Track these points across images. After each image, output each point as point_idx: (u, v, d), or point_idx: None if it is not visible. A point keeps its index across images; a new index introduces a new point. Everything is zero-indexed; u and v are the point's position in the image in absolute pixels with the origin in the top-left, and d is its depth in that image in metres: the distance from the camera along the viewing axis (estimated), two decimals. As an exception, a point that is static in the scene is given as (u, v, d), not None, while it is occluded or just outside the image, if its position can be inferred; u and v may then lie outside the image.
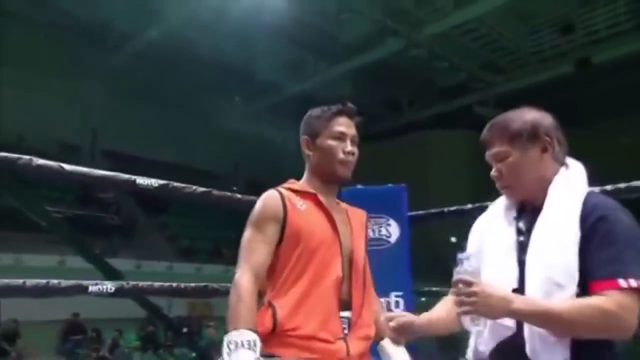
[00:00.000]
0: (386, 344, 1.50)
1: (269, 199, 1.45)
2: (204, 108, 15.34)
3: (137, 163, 12.43)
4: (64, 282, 1.66)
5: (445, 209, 2.31)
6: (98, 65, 13.99)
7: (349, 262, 1.46)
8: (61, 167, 1.65)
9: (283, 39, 12.33)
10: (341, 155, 1.47)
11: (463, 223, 1.52)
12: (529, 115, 1.30)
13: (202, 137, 15.70)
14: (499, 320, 1.22)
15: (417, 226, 2.42)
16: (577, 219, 1.17)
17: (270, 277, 1.41)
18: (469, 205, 2.14)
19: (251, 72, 14.34)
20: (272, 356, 1.32)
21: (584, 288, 1.13)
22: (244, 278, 1.33)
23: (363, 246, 1.53)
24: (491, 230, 1.36)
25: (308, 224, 1.42)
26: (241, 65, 14.20)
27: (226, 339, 1.22)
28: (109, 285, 1.77)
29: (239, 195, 2.23)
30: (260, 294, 1.40)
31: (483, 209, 1.45)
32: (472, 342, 1.33)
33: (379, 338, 1.50)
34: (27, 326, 8.75)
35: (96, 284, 1.72)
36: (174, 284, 1.97)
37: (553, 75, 13.08)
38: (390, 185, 2.38)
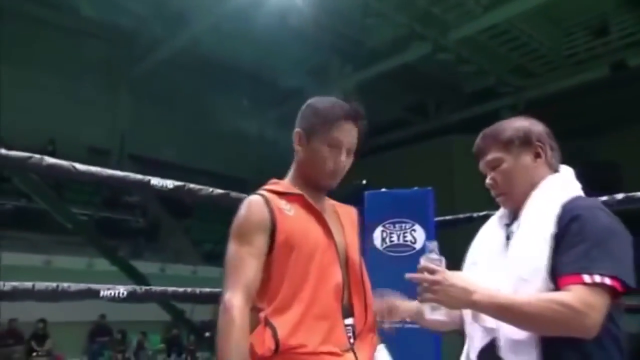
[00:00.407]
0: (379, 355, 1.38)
1: (253, 207, 1.32)
2: (229, 115, 15.44)
3: (164, 168, 12.56)
4: (74, 286, 1.61)
5: (475, 214, 2.18)
6: (127, 72, 14.28)
7: (345, 265, 1.35)
8: (73, 167, 1.61)
9: (308, 45, 12.30)
10: (331, 167, 1.35)
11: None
12: (520, 123, 1.34)
13: (229, 144, 15.80)
14: (482, 323, 1.21)
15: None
16: (554, 219, 1.16)
17: (263, 290, 1.27)
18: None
19: (276, 77, 14.36)
20: None
21: (557, 287, 1.13)
22: (235, 299, 1.20)
23: (357, 246, 1.42)
24: (484, 239, 1.38)
25: (299, 229, 1.30)
26: (267, 71, 14.25)
27: None
28: (122, 290, 1.71)
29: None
30: (252, 310, 1.26)
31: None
32: (465, 349, 1.32)
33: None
34: (55, 326, 8.89)
35: (108, 289, 1.66)
36: (189, 289, 1.90)
37: (585, 79, 12.72)
38: (416, 188, 2.26)
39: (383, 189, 2.14)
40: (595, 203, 1.23)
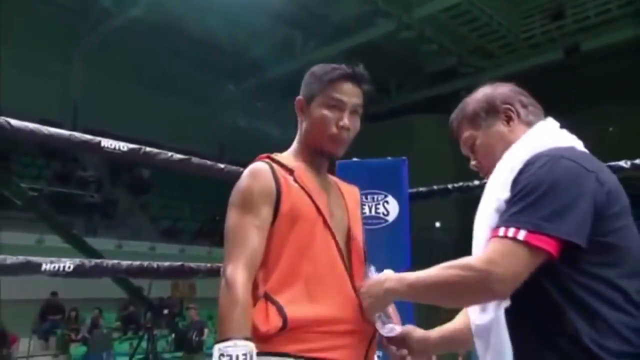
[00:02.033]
0: None
1: (259, 174, 1.23)
2: (188, 86, 14.98)
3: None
4: (11, 259, 1.44)
5: (450, 185, 2.14)
6: (80, 40, 13.59)
7: (347, 240, 1.29)
8: (8, 122, 1.41)
9: (272, 17, 12.00)
10: (333, 130, 1.25)
11: (446, 208, 1.40)
12: (482, 92, 1.25)
13: (186, 117, 15.35)
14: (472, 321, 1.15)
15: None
16: (510, 181, 1.04)
17: (262, 263, 1.19)
18: (476, 182, 1.98)
19: (238, 50, 14.00)
20: (288, 356, 1.13)
21: None
22: (238, 275, 1.12)
23: (360, 223, 1.36)
24: None
25: (302, 201, 1.23)
26: (227, 42, 13.84)
27: (218, 349, 1.04)
28: (67, 264, 1.54)
29: (221, 165, 2.02)
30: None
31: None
32: None
33: None
34: (4, 304, 8.51)
35: (51, 262, 1.49)
36: (145, 263, 1.76)
37: (542, 62, 13.02)
38: (389, 158, 2.19)
39: (354, 159, 2.05)
40: (558, 150, 1.06)
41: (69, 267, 1.60)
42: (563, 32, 12.67)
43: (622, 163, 1.60)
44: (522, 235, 0.95)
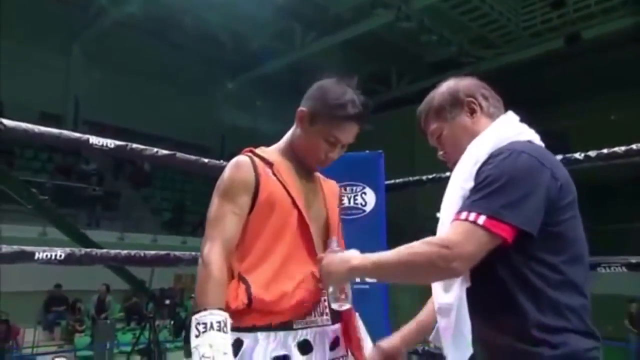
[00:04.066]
0: None
1: (239, 167, 1.34)
2: (189, 79, 15.01)
3: (123, 135, 12.15)
4: (5, 248, 1.53)
5: (424, 177, 2.20)
6: (81, 33, 13.60)
7: (324, 230, 1.41)
8: (0, 122, 1.50)
9: (272, 8, 11.98)
10: (322, 159, 1.39)
11: None
12: (446, 85, 1.30)
13: (187, 109, 15.39)
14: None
15: (401, 200, 2.32)
16: (475, 172, 1.11)
17: (239, 247, 1.31)
18: (448, 174, 2.03)
19: (237, 42, 14.00)
20: (254, 328, 1.26)
21: None
22: (213, 252, 1.25)
23: (337, 216, 1.47)
24: None
25: (279, 192, 1.33)
26: (229, 35, 13.85)
27: (195, 319, 1.15)
28: (59, 252, 1.63)
29: (205, 160, 2.10)
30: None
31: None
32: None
33: None
34: (6, 296, 8.64)
35: (44, 251, 1.58)
36: (133, 252, 1.85)
37: (543, 51, 12.94)
38: (366, 152, 2.26)
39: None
40: (519, 144, 1.12)
41: (61, 256, 1.69)
42: (564, 20, 12.59)
43: (577, 155, 1.66)
44: (481, 220, 1.03)
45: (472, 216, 1.04)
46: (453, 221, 1.08)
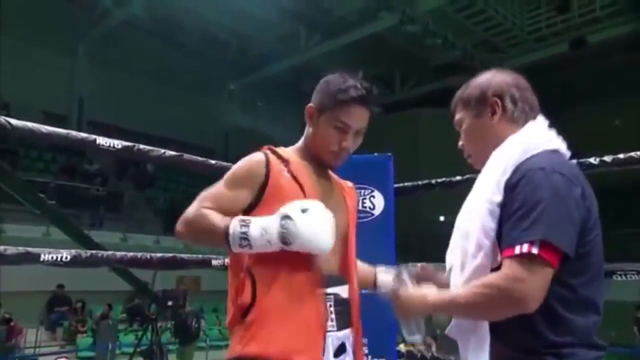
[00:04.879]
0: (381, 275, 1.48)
1: (252, 161, 1.33)
2: (193, 79, 15.01)
3: (127, 136, 12.13)
4: (11, 250, 1.51)
5: (434, 181, 2.18)
6: (86, 33, 13.62)
7: (343, 238, 1.38)
8: (8, 122, 1.49)
9: (276, 11, 12.00)
10: (335, 148, 1.35)
11: (451, 202, 1.43)
12: (483, 78, 1.25)
13: (191, 110, 15.40)
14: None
15: (406, 204, 2.30)
16: (503, 185, 1.08)
17: None
18: (458, 177, 2.02)
19: (242, 44, 14.02)
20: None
21: None
22: (201, 209, 1.28)
23: (355, 224, 1.46)
24: None
25: (290, 189, 1.31)
26: (234, 37, 13.87)
27: (232, 239, 1.19)
28: (65, 254, 1.62)
29: (212, 161, 2.08)
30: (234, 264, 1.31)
31: (472, 181, 1.34)
32: None
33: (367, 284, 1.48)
34: (9, 296, 8.64)
35: (49, 253, 1.57)
36: (139, 254, 1.83)
37: (548, 55, 12.92)
38: (375, 154, 2.23)
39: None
40: (550, 162, 1.08)
41: (67, 258, 1.67)
42: (568, 25, 12.57)
43: (591, 160, 1.63)
44: (535, 250, 1.00)
45: (525, 248, 1.01)
46: (506, 257, 1.04)
